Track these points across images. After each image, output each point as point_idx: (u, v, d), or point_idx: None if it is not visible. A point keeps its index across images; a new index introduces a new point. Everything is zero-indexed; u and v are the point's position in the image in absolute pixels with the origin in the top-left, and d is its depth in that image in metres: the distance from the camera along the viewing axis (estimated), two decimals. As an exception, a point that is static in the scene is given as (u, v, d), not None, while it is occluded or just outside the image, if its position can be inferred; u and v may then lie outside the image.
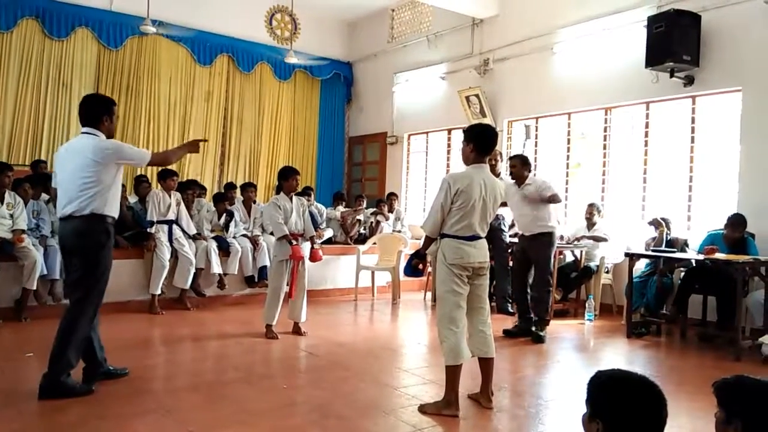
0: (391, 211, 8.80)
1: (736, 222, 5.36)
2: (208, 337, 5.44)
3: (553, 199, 5.45)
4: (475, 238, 3.47)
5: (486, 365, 3.56)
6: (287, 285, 5.26)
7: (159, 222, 6.27)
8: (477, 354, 3.54)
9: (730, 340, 5.03)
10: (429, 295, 7.60)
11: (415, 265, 3.80)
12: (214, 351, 4.99)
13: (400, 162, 10.31)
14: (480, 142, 3.51)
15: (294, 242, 5.19)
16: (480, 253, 3.49)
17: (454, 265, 3.43)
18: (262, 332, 5.26)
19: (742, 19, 5.85)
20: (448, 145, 9.55)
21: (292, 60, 9.08)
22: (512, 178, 5.61)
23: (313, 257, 5.49)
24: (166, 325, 5.72)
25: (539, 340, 5.35)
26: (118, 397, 3.54)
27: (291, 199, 5.35)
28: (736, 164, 5.96)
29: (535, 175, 6.25)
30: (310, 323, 5.50)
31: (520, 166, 5.54)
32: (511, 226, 6.80)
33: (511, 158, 5.79)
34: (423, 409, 3.42)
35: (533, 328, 5.45)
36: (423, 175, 10.09)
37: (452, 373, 3.39)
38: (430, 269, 6.49)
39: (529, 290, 5.61)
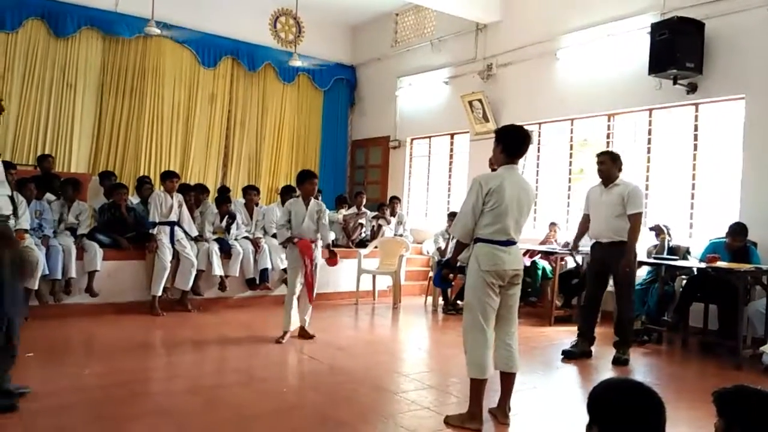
0: (393, 215, 8.80)
1: (736, 231, 5.35)
2: (208, 340, 5.43)
3: (634, 221, 4.86)
4: (510, 243, 3.30)
5: (507, 380, 3.41)
6: (301, 286, 5.18)
7: (161, 223, 6.27)
8: (500, 368, 3.39)
9: (731, 349, 5.00)
10: (430, 299, 7.59)
11: (445, 275, 3.64)
12: (213, 354, 4.98)
13: (402, 166, 10.32)
14: (509, 142, 3.34)
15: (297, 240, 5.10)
16: (514, 259, 3.33)
17: (488, 272, 3.25)
18: (263, 335, 5.25)
19: (745, 27, 5.85)
20: (451, 150, 9.56)
21: (296, 63, 9.11)
22: (600, 177, 5.09)
23: (330, 263, 5.39)
24: (166, 327, 5.71)
25: (622, 363, 4.90)
26: (115, 399, 3.53)
27: (307, 203, 5.22)
28: (739, 172, 5.95)
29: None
30: (310, 326, 5.46)
31: (611, 164, 5.01)
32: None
33: (599, 155, 5.20)
34: (447, 421, 3.30)
35: (615, 351, 5.02)
36: (425, 179, 10.09)
37: (477, 386, 3.25)
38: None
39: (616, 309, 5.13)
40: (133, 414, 3.29)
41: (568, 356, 5.07)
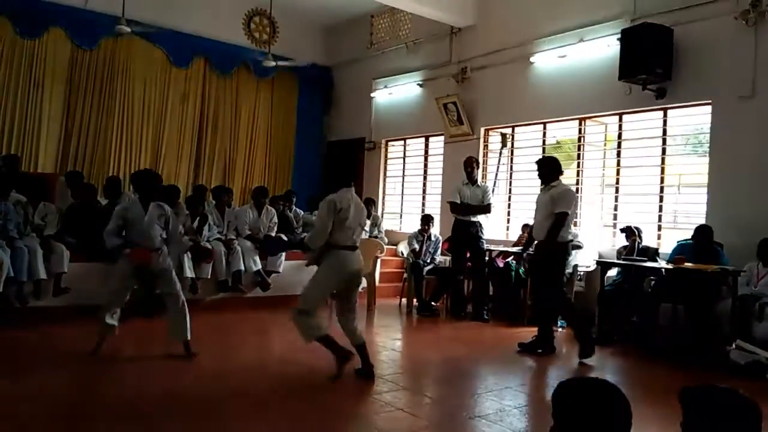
0: (368, 217, 8.77)
1: (702, 233, 5.52)
2: (179, 343, 5.33)
3: (555, 219, 5.10)
4: (355, 248, 4.16)
5: (362, 349, 4.25)
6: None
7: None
8: (355, 343, 4.26)
9: (698, 348, 5.11)
10: (404, 301, 7.60)
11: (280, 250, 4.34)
12: (185, 357, 4.90)
13: (377, 168, 10.32)
14: (339, 174, 4.43)
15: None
16: (357, 260, 4.20)
17: (339, 274, 4.16)
18: (235, 337, 5.17)
19: (712, 33, 5.99)
20: (426, 152, 9.60)
21: (270, 63, 9.03)
22: (539, 178, 5.43)
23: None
24: (135, 331, 5.60)
25: (530, 349, 5.23)
26: (84, 404, 3.46)
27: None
28: (706, 175, 6.09)
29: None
30: (283, 328, 5.33)
31: (546, 167, 5.35)
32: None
33: (538, 160, 5.59)
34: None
35: (534, 338, 5.31)
36: (400, 181, 10.11)
37: (325, 340, 4.20)
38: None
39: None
40: (104, 420, 3.22)
41: (523, 348, 5.28)
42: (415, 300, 7.41)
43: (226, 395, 3.75)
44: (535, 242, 5.47)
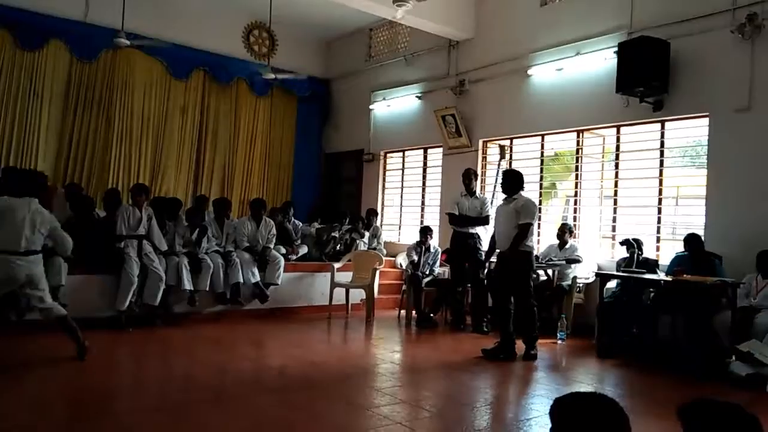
0: (368, 228, 8.78)
1: (691, 242, 5.58)
2: (176, 356, 5.32)
3: (520, 229, 5.38)
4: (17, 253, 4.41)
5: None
6: None
7: (128, 237, 6.16)
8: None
9: (698, 360, 5.09)
10: (403, 313, 7.58)
11: None
12: (181, 370, 4.88)
13: (376, 179, 10.33)
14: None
15: None
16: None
17: None
18: (233, 351, 5.15)
19: (709, 47, 6.03)
20: (424, 164, 9.61)
21: (269, 76, 9.06)
22: (502, 190, 5.73)
23: None
24: (133, 343, 5.58)
25: (532, 358, 5.40)
26: (78, 417, 3.43)
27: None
28: (703, 188, 6.10)
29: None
30: (282, 341, 5.37)
31: (510, 180, 5.65)
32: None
33: (503, 172, 5.91)
34: None
35: (525, 348, 5.46)
36: (399, 192, 10.12)
37: None
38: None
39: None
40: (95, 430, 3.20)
41: (486, 355, 5.44)
42: (414, 312, 7.38)
43: (221, 407, 3.73)
44: (499, 251, 5.71)
